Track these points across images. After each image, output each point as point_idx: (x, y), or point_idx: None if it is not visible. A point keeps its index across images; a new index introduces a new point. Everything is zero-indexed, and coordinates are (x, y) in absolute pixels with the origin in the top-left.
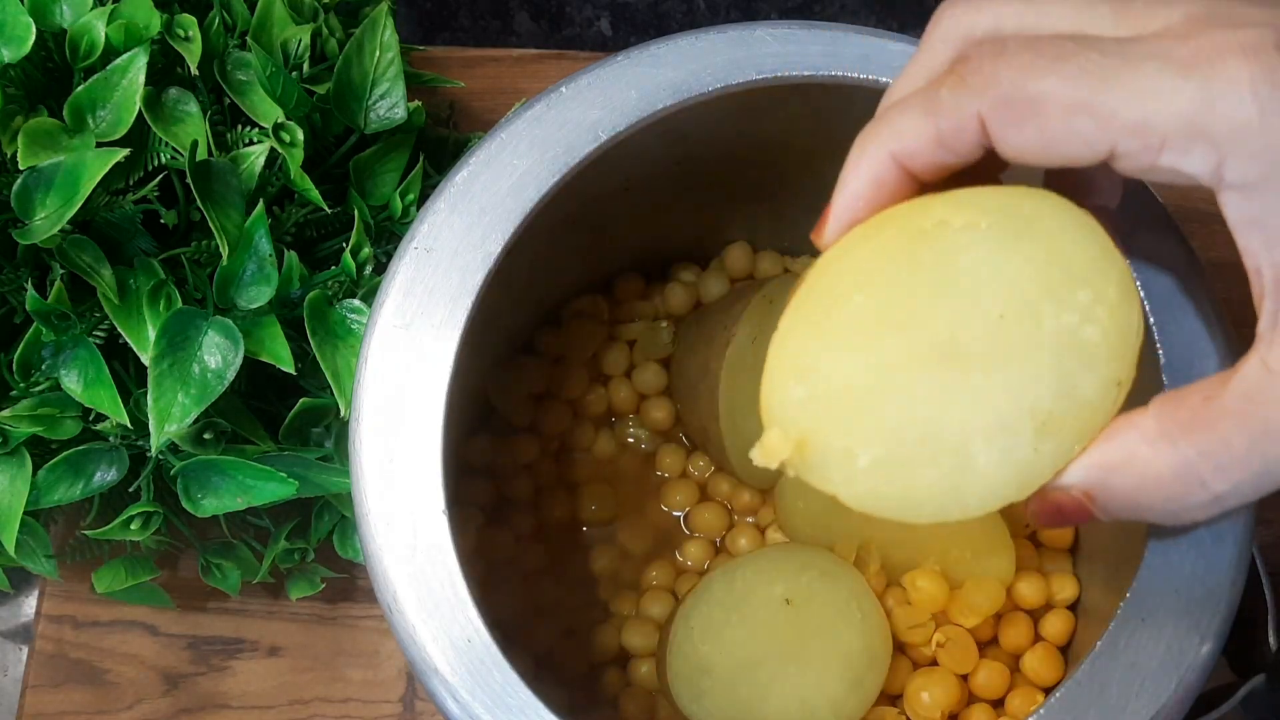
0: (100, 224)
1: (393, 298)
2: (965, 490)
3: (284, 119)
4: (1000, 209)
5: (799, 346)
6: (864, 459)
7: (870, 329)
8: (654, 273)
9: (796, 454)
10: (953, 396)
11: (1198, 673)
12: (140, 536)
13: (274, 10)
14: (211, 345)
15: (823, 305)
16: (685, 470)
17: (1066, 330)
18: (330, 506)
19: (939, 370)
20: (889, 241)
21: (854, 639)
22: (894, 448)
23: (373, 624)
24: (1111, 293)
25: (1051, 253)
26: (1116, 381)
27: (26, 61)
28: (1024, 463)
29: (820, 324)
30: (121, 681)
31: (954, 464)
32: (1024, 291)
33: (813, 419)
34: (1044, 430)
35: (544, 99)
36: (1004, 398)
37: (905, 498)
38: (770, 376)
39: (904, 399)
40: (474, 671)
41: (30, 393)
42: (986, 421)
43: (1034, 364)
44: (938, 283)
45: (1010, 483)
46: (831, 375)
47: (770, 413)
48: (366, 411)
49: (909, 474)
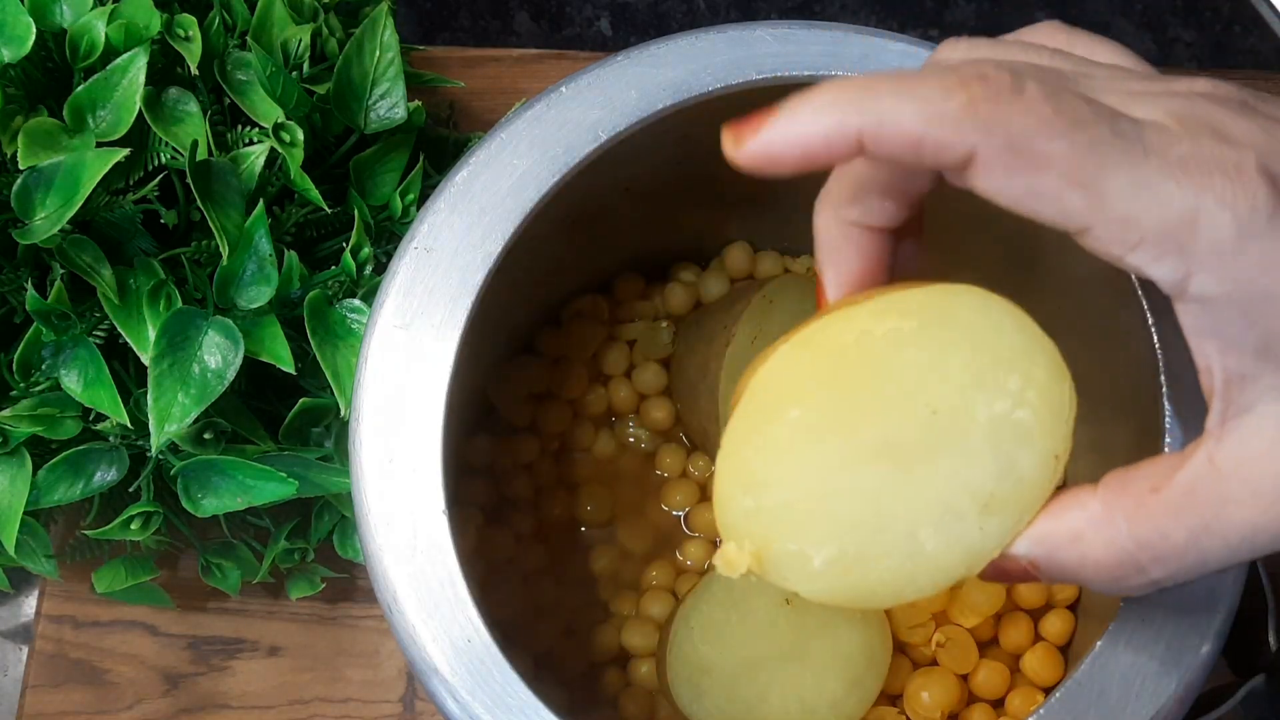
0: (100, 224)
1: (393, 298)
2: (917, 575)
3: (284, 119)
4: (920, 310)
5: (743, 461)
6: (817, 560)
7: (808, 439)
8: (654, 273)
9: (754, 562)
10: (895, 491)
11: (1197, 673)
12: (140, 536)
13: (274, 10)
14: (211, 345)
15: (762, 420)
16: (685, 470)
17: (999, 416)
18: (330, 506)
19: (879, 468)
20: (817, 356)
21: (854, 639)
22: (845, 546)
23: (373, 624)
24: (1039, 374)
25: (976, 345)
26: (1054, 455)
27: (26, 61)
28: (971, 542)
29: (761, 438)
30: (121, 681)
31: (904, 553)
32: (953, 386)
33: (765, 528)
34: (988, 510)
35: (544, 99)
36: (945, 485)
37: (861, 589)
38: (720, 490)
39: (848, 500)
40: (474, 671)
41: (30, 393)
42: (931, 510)
43: (970, 451)
44: (868, 389)
45: (960, 562)
46: (776, 486)
47: (725, 525)
48: (366, 411)
49: (862, 568)
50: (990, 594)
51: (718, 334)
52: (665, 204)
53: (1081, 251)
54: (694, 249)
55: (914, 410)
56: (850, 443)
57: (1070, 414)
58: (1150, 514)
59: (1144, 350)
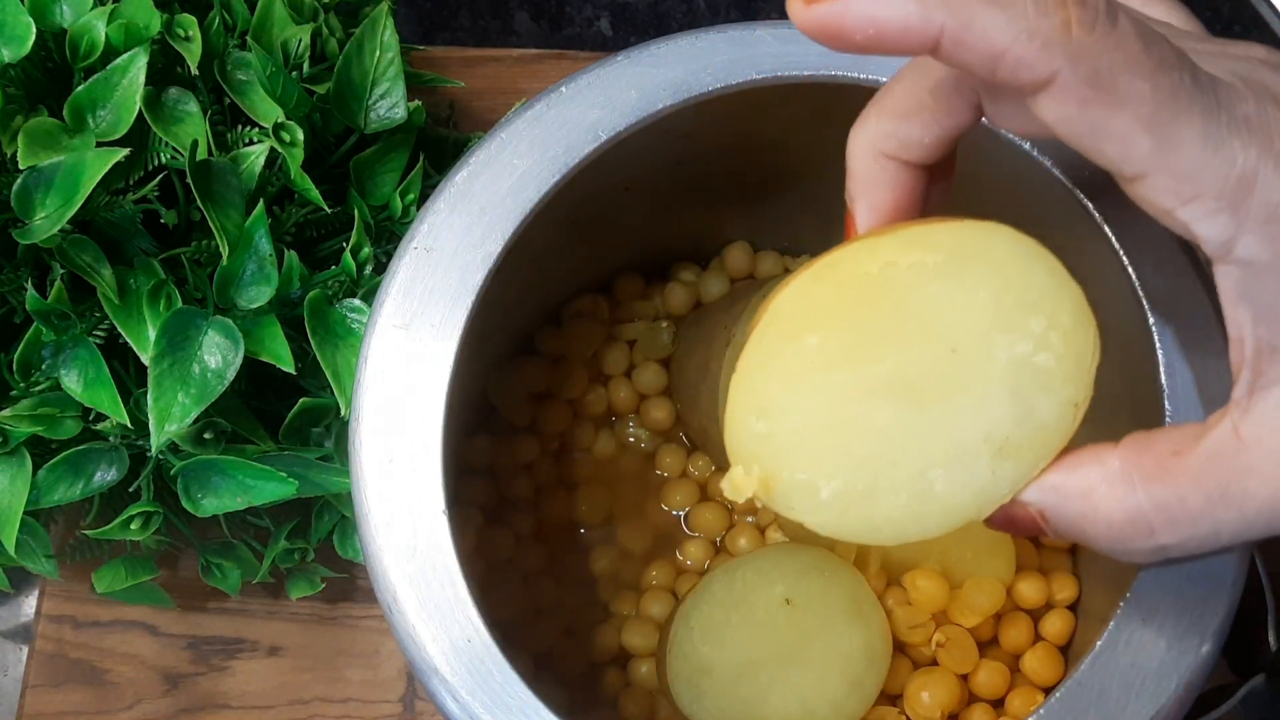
0: (100, 224)
1: (393, 297)
2: (925, 514)
3: (284, 119)
4: (948, 244)
5: (758, 385)
6: (825, 491)
7: (824, 368)
8: (654, 272)
9: (762, 489)
10: (909, 429)
11: (1197, 673)
12: (140, 536)
13: (274, 10)
14: (211, 345)
15: (778, 345)
16: (685, 470)
17: (1020, 359)
18: (330, 506)
19: (894, 404)
20: (839, 285)
21: (854, 639)
22: (854, 479)
23: (373, 624)
24: (1064, 319)
25: (1002, 284)
26: (1074, 403)
27: (26, 61)
28: (982, 485)
29: (776, 363)
30: (121, 681)
31: (913, 491)
32: (975, 324)
33: (774, 455)
34: (1001, 454)
35: (544, 99)
36: (960, 427)
37: (866, 525)
38: (732, 413)
39: (861, 433)
40: (474, 671)
41: (30, 392)
42: (944, 450)
43: (988, 393)
44: (888, 322)
45: (969, 504)
46: (789, 413)
47: (734, 449)
48: (366, 411)
49: (869, 503)
50: (990, 594)
51: (718, 334)
52: (665, 204)
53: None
54: (694, 249)
55: (934, 346)
56: (867, 375)
57: (1093, 362)
58: (1169, 476)
59: (1144, 350)
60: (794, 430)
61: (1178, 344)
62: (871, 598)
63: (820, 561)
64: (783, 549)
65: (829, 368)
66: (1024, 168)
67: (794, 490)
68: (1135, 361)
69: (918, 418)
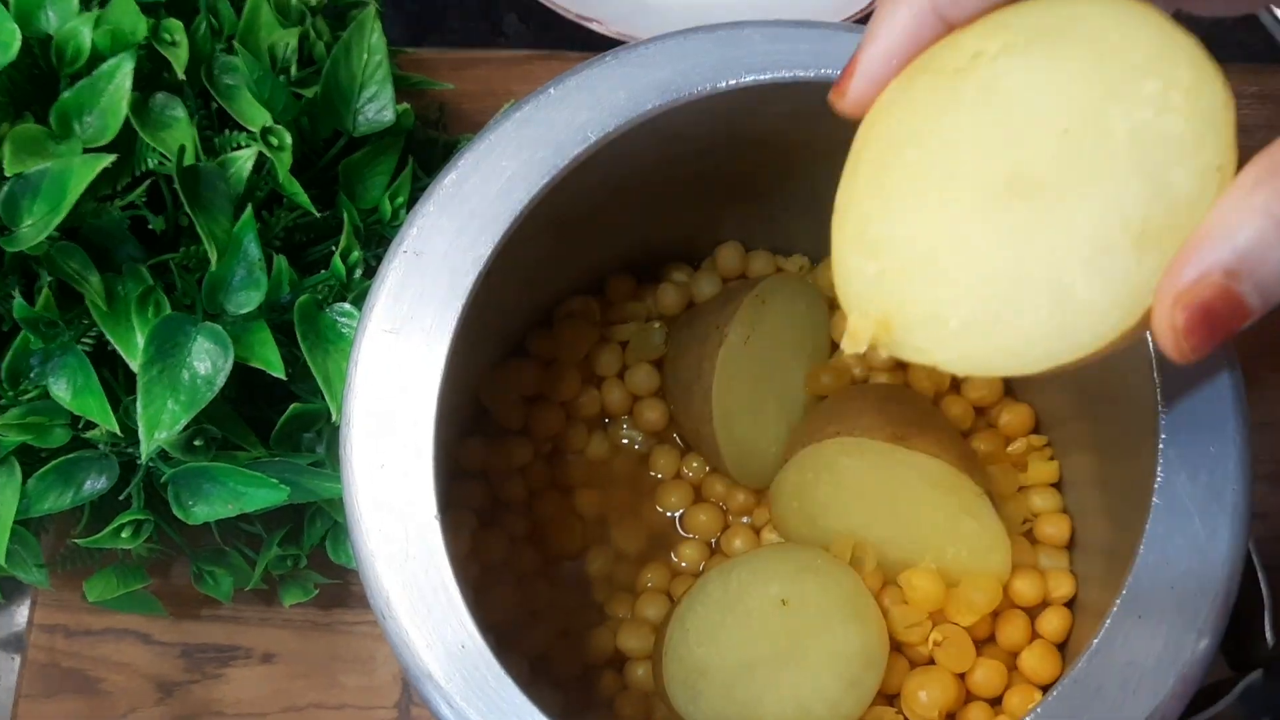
0: (88, 230)
1: (383, 301)
2: (1071, 327)
3: (272, 123)
4: (1036, 22)
5: (861, 221)
6: (954, 321)
7: (930, 183)
8: (646, 273)
9: (883, 332)
10: (1034, 231)
11: (1195, 668)
12: (131, 544)
13: (261, 14)
14: (201, 351)
15: (875, 172)
16: (679, 471)
17: (1142, 127)
18: (322, 512)
19: (1013, 207)
20: (927, 88)
21: (850, 639)
22: (984, 301)
23: (367, 629)
24: (1183, 75)
25: (1103, 51)
26: (1214, 167)
27: (12, 68)
28: (1130, 281)
29: (877, 192)
30: (115, 690)
31: (1052, 302)
32: (1084, 100)
33: (891, 293)
34: (1144, 240)
35: (532, 100)
36: (1090, 218)
37: (1008, 350)
38: (839, 259)
39: (982, 248)
40: (468, 677)
41: (19, 401)
42: (1077, 248)
43: (1114, 174)
44: (989, 116)
45: (1119, 306)
46: (901, 243)
47: (847, 298)
48: (358, 416)
49: (1006, 325)
50: (987, 592)
51: (710, 334)
52: (656, 204)
53: None
54: (685, 249)
55: (1043, 134)
56: (977, 180)
57: (1228, 116)
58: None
59: (1140, 348)
60: (908, 261)
61: None
62: (868, 597)
63: (816, 562)
64: (778, 550)
65: (934, 181)
66: None
67: (919, 326)
68: (1130, 359)
69: (1042, 217)
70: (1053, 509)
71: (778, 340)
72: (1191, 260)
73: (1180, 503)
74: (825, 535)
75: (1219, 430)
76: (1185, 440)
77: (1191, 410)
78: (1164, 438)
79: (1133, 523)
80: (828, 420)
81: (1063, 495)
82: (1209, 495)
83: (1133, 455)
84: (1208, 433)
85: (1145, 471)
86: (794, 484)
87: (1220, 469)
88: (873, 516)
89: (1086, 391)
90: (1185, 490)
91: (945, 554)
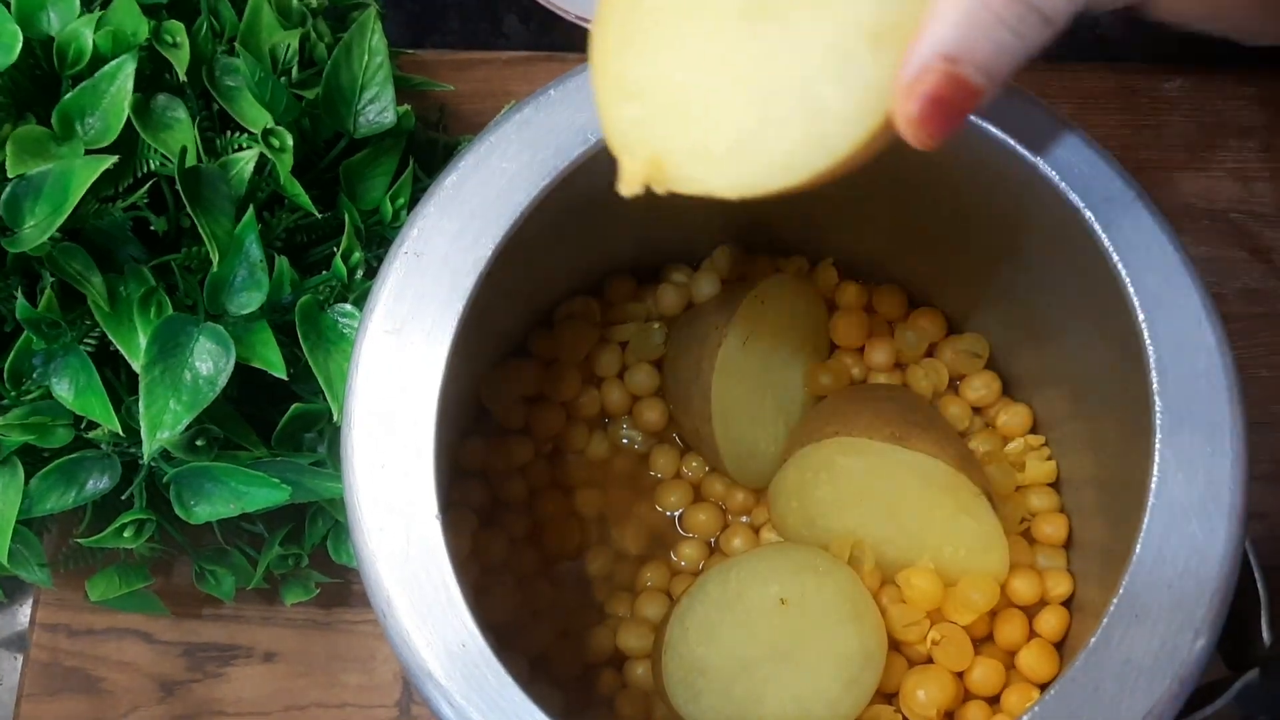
0: (90, 231)
1: (384, 302)
2: (827, 134)
3: (273, 124)
4: None
5: (616, 68)
6: (718, 147)
7: (675, 21)
8: (645, 274)
9: (655, 171)
10: (778, 49)
11: (1191, 668)
12: (133, 544)
13: (262, 15)
14: (203, 352)
15: (622, 18)
16: (679, 471)
17: None
18: (324, 512)
19: (755, 28)
20: None
21: (849, 638)
22: (742, 123)
23: (368, 628)
24: None
25: None
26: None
27: (14, 69)
28: (872, 81)
29: (627, 38)
30: (117, 689)
31: (807, 113)
32: None
33: (657, 131)
34: (880, 41)
35: (532, 102)
36: (827, 28)
37: (774, 164)
38: (603, 108)
39: (733, 74)
40: (468, 676)
41: (21, 401)
42: (820, 59)
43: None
44: None
45: (866, 105)
46: (656, 82)
47: (615, 141)
48: (359, 416)
49: (767, 142)
50: (985, 591)
51: (710, 334)
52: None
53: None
54: (685, 250)
55: None
56: (716, 13)
57: None
58: None
59: (1134, 346)
60: (667, 98)
61: (1169, 338)
62: (866, 596)
63: (814, 561)
64: (777, 549)
65: (679, 19)
66: (1018, 170)
67: (687, 160)
68: (1126, 357)
69: (783, 35)
70: (1050, 508)
71: (777, 340)
72: (915, 53)
73: (1177, 502)
74: (824, 535)
75: (1216, 430)
76: (1182, 440)
77: (1188, 410)
78: (1161, 437)
79: (1130, 522)
80: (827, 420)
81: (1060, 495)
82: (1206, 495)
83: (1130, 455)
84: (1205, 432)
85: (1142, 471)
86: (793, 484)
87: (1217, 469)
88: (871, 516)
89: (1084, 392)
90: (1182, 490)
91: (943, 553)
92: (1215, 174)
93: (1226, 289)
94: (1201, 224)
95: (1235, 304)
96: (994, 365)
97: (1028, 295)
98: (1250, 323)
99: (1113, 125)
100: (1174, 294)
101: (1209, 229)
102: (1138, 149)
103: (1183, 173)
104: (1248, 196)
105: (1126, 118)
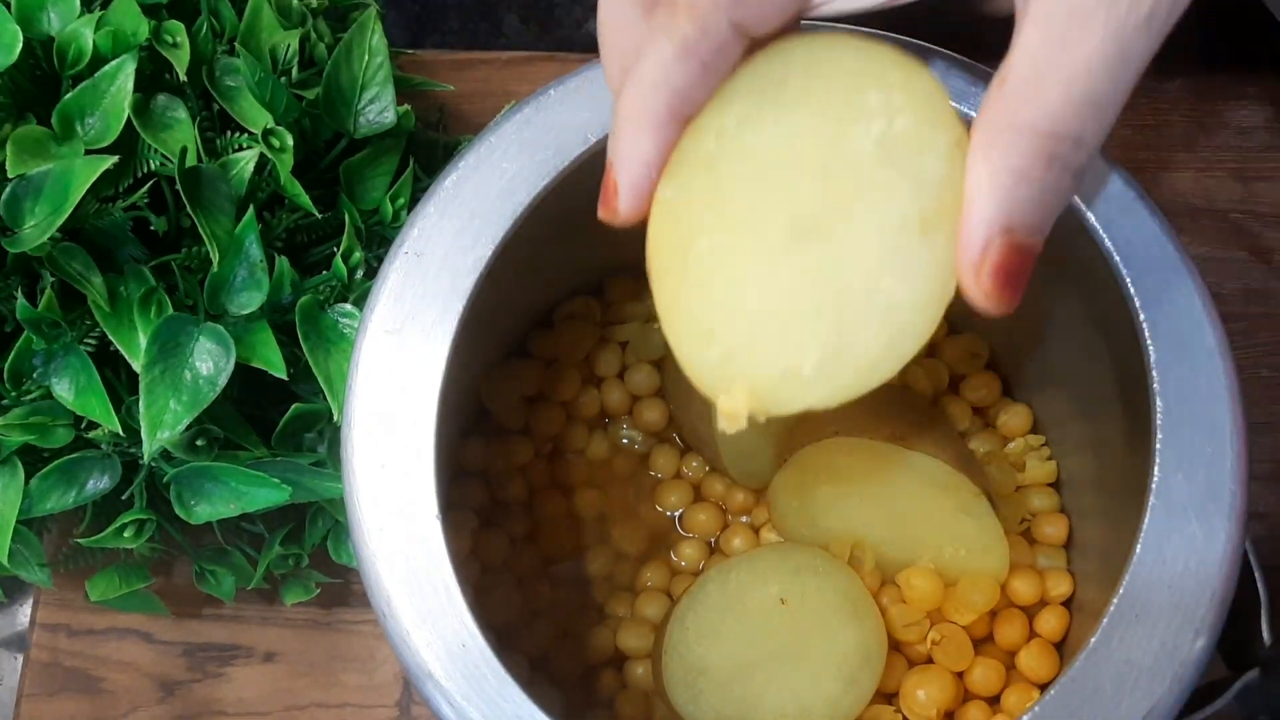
0: (90, 231)
1: (384, 302)
2: (904, 325)
3: (273, 124)
4: (755, 85)
5: (685, 317)
6: (807, 366)
7: (727, 259)
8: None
9: (754, 403)
10: (835, 263)
11: (1192, 668)
12: (134, 544)
13: (262, 16)
14: (203, 352)
15: (678, 273)
16: (679, 471)
17: (883, 136)
18: (324, 512)
19: (809, 248)
20: (690, 181)
21: (849, 638)
22: (824, 337)
23: (368, 629)
24: (893, 75)
25: (821, 89)
26: (954, 143)
27: (14, 69)
28: (929, 263)
29: (688, 289)
30: (117, 689)
31: (880, 311)
32: (825, 136)
33: (742, 369)
34: (927, 228)
35: (532, 101)
36: (876, 230)
37: (863, 368)
38: (685, 360)
39: (798, 295)
40: (469, 676)
41: (21, 401)
42: (878, 259)
43: (879, 184)
44: (755, 184)
45: (933, 289)
46: (728, 321)
47: (705, 385)
48: (359, 416)
49: (854, 349)
50: (985, 591)
51: None
52: None
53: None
54: None
55: (805, 177)
56: (767, 239)
57: (942, 94)
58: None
59: (1134, 346)
60: (742, 333)
61: (1168, 337)
62: (866, 596)
63: (814, 561)
64: (777, 549)
65: (731, 256)
66: None
67: (780, 386)
68: (1126, 357)
69: (835, 246)
70: (1050, 509)
71: None
72: (972, 233)
73: (1177, 502)
74: (824, 535)
75: (1216, 430)
76: (1182, 440)
77: (1188, 410)
78: (1161, 438)
79: (1130, 522)
80: (827, 420)
81: (1060, 495)
82: (1206, 495)
83: (1130, 455)
84: (1204, 433)
85: (1142, 471)
86: (793, 484)
87: (1217, 469)
88: (871, 516)
89: (1084, 392)
90: (1182, 490)
91: (943, 553)
92: (1215, 174)
93: (1226, 289)
94: (1201, 224)
95: (1235, 304)
96: (994, 365)
97: (1027, 295)
98: (1250, 323)
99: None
100: (1174, 294)
101: (1209, 229)
102: (1138, 149)
103: (1183, 173)
104: (1248, 196)
105: (1126, 118)
